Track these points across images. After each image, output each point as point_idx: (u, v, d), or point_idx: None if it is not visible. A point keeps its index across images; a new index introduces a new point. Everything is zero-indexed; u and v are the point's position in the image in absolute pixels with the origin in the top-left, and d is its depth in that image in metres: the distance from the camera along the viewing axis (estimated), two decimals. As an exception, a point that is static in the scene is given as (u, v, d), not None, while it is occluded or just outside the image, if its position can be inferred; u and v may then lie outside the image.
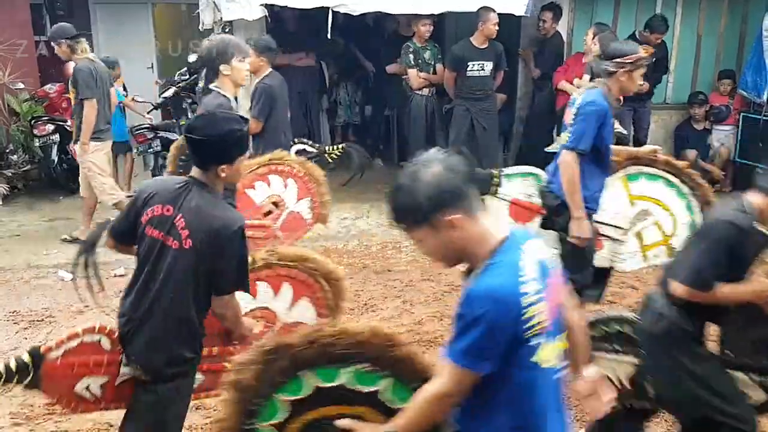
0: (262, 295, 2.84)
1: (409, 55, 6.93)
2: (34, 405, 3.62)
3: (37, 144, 7.85)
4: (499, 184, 4.27)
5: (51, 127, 7.79)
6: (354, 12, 6.69)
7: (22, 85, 8.29)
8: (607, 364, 2.83)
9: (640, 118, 7.55)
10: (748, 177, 6.39)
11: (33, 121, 7.84)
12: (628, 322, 2.87)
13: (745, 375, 2.75)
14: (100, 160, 6.12)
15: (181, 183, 2.55)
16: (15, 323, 4.67)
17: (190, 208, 2.47)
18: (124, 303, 2.63)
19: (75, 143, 6.26)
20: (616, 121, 6.89)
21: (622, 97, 3.93)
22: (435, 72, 6.94)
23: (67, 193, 7.86)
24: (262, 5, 6.81)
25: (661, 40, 7.25)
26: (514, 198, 4.29)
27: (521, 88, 7.74)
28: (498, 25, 6.36)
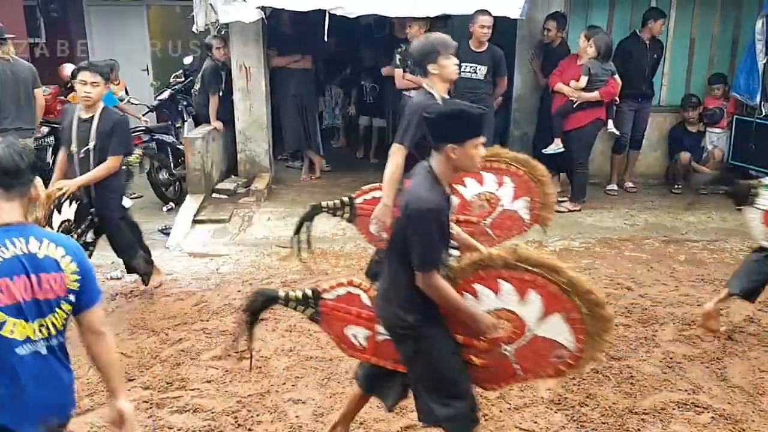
0: (505, 296, 2.72)
1: (397, 56, 6.94)
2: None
3: (32, 146, 7.83)
4: (757, 195, 4.22)
5: (45, 129, 7.77)
6: (351, 14, 6.70)
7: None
8: None
9: (641, 119, 7.59)
10: (742, 179, 6.44)
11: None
12: None
13: None
14: None
15: (421, 164, 2.75)
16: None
17: (410, 186, 2.72)
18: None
19: None
20: (610, 120, 6.98)
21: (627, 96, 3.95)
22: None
23: (62, 196, 7.84)
24: (258, 7, 6.81)
25: (662, 27, 7.30)
26: None
27: (517, 90, 7.76)
28: (492, 28, 6.35)
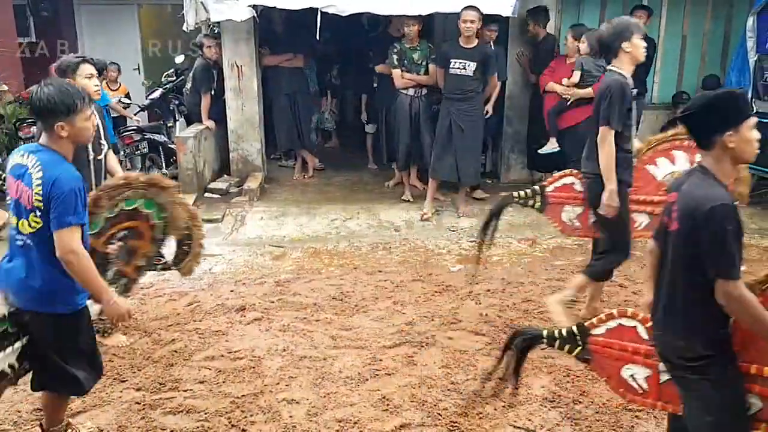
0: None
1: (394, 56, 6.93)
2: (21, 410, 3.58)
3: (22, 146, 7.76)
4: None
5: (35, 129, 7.71)
6: (343, 13, 6.68)
7: (6, 87, 8.21)
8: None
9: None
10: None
11: (18, 124, 7.76)
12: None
13: None
14: None
15: (689, 170, 2.52)
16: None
17: (682, 191, 2.43)
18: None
19: None
20: None
21: None
22: (427, 72, 6.92)
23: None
24: (250, 6, 6.79)
25: (648, 21, 7.32)
26: None
27: (509, 89, 7.76)
28: (477, 24, 6.32)
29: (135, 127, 7.87)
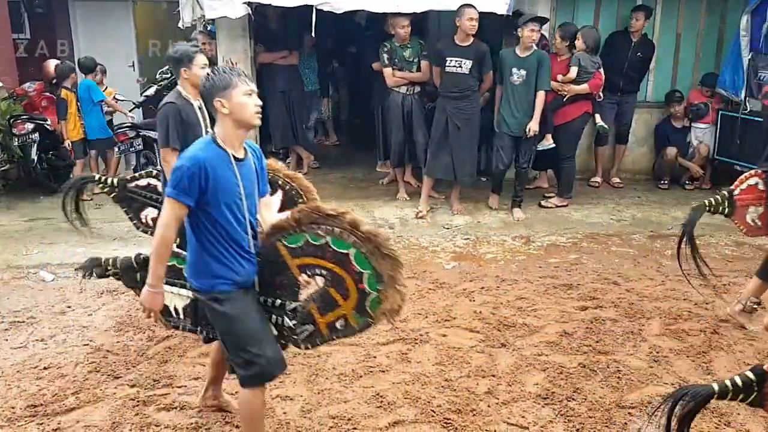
0: None
1: (384, 54, 6.93)
2: (15, 407, 3.57)
3: (16, 143, 7.75)
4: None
5: (30, 126, 7.70)
6: (337, 10, 6.68)
7: (0, 84, 8.18)
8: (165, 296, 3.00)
9: (624, 113, 7.66)
10: (727, 174, 6.47)
11: (12, 120, 7.73)
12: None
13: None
14: None
15: None
16: (-6, 324, 4.61)
17: None
18: None
19: None
20: (597, 114, 7.00)
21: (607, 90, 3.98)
22: (419, 69, 6.92)
23: (47, 193, 7.78)
24: (245, 3, 6.78)
25: (644, 21, 7.34)
26: None
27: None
28: (478, 21, 6.33)
29: (130, 124, 7.85)
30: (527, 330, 4.40)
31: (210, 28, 7.98)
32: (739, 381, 2.44)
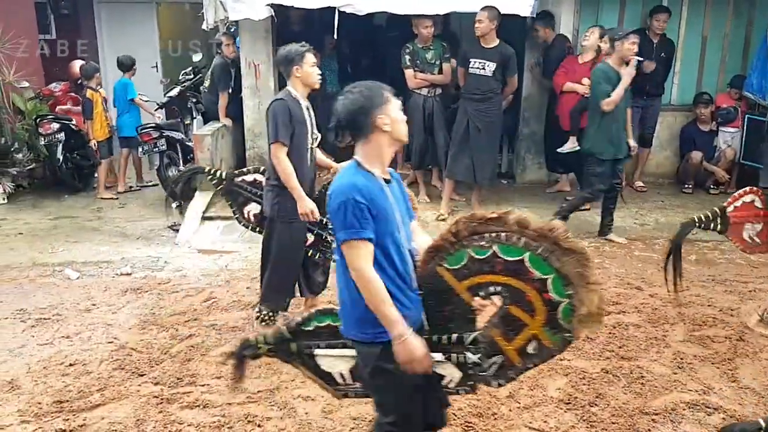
0: None
1: (406, 56, 6.92)
2: (42, 403, 3.62)
3: (42, 142, 7.87)
4: None
5: (56, 125, 7.81)
6: (360, 12, 6.69)
7: (26, 84, 8.32)
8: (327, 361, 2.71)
9: (649, 116, 7.57)
10: (752, 178, 6.39)
11: (38, 120, 7.86)
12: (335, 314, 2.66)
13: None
14: None
15: None
16: (22, 321, 4.68)
17: None
18: None
19: None
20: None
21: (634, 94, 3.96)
22: (441, 71, 6.91)
23: (71, 192, 7.88)
24: (268, 5, 6.81)
25: (665, 23, 7.27)
26: None
27: (526, 89, 7.73)
28: (481, 23, 6.27)
29: (153, 125, 7.93)
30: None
31: (233, 30, 8.03)
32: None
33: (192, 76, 9.09)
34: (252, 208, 4.54)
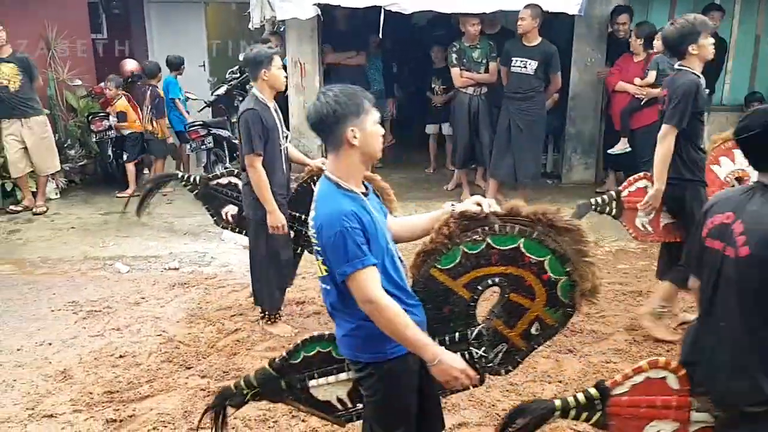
0: None
1: (453, 55, 6.90)
2: (93, 392, 3.72)
3: (93, 139, 8.08)
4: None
5: (107, 123, 8.00)
6: (405, 11, 6.71)
7: (79, 82, 8.54)
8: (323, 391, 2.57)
9: None
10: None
11: (90, 117, 8.06)
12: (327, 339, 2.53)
13: None
14: None
15: (746, 189, 2.25)
16: (74, 313, 4.81)
17: (751, 213, 2.14)
18: (688, 331, 2.40)
19: None
20: None
21: None
22: (488, 70, 6.87)
23: (122, 188, 8.06)
24: (315, 4, 6.87)
25: (718, 22, 7.10)
26: None
27: (573, 88, 7.64)
28: (524, 21, 6.22)
29: (201, 122, 8.07)
30: (595, 336, 4.32)
31: (279, 29, 8.12)
32: (582, 398, 2.37)
33: (238, 75, 9.21)
34: (230, 210, 4.64)
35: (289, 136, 4.35)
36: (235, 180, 4.56)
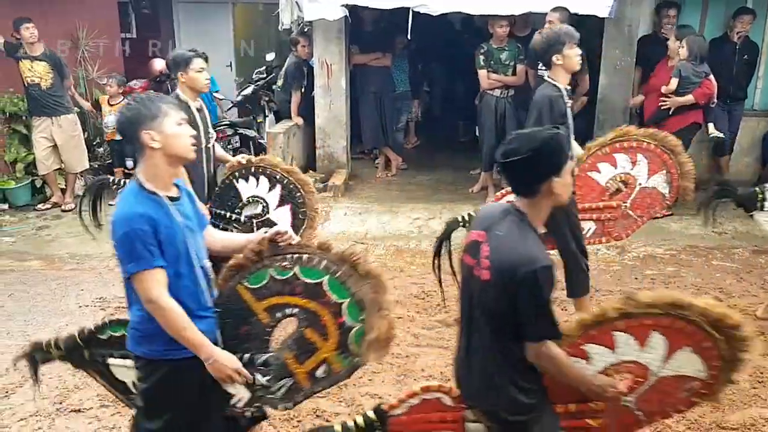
0: (623, 348, 2.37)
1: (480, 57, 6.87)
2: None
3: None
4: (765, 199, 4.25)
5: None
6: (434, 12, 6.69)
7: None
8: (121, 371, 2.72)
9: (731, 121, 7.27)
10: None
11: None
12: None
13: None
14: None
15: (504, 209, 2.33)
16: (102, 309, 4.87)
17: (497, 237, 2.24)
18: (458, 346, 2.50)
19: None
20: (711, 124, 6.67)
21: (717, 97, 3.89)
22: (515, 73, 6.83)
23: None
24: (343, 5, 6.88)
25: (749, 25, 6.98)
26: None
27: (602, 91, 7.55)
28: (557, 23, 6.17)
29: (228, 122, 8.13)
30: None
31: (306, 30, 8.15)
32: (361, 421, 2.48)
33: (265, 75, 9.28)
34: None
35: (214, 136, 4.43)
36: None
